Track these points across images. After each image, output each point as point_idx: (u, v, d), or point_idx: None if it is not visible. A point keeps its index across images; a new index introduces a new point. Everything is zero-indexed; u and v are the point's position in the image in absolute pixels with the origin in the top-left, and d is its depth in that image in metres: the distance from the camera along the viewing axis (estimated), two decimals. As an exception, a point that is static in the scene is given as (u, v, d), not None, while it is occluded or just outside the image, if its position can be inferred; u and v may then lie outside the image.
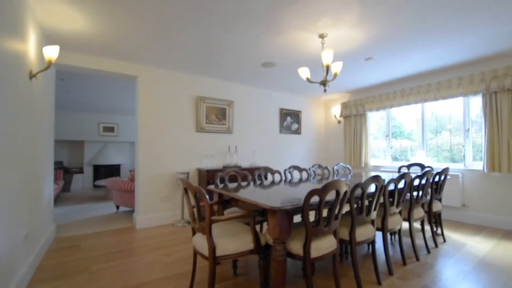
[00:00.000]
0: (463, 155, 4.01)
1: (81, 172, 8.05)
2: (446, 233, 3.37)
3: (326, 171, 3.76)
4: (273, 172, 3.27)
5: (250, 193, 2.14)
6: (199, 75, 4.34)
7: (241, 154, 4.83)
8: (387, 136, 5.14)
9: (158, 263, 2.52)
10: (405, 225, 3.37)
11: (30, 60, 2.23)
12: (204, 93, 4.42)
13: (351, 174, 3.94)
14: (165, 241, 3.16)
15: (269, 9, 2.35)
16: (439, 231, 3.24)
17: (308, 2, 2.24)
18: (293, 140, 5.72)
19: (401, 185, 2.45)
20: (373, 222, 2.18)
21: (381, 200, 2.20)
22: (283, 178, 3.35)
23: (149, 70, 3.88)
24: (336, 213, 1.80)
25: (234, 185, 2.67)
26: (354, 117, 5.44)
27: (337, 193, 1.74)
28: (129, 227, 3.76)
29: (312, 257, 1.69)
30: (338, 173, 4.01)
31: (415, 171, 3.92)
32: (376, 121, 5.44)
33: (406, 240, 3.03)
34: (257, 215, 1.85)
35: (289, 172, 3.47)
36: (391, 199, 2.38)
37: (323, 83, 2.85)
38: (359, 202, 2.01)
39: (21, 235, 2.01)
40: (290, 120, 5.67)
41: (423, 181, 2.69)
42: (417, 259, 2.54)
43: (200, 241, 1.80)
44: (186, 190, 1.87)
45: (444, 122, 4.35)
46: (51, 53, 2.25)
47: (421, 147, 4.58)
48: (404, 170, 3.89)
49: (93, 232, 3.53)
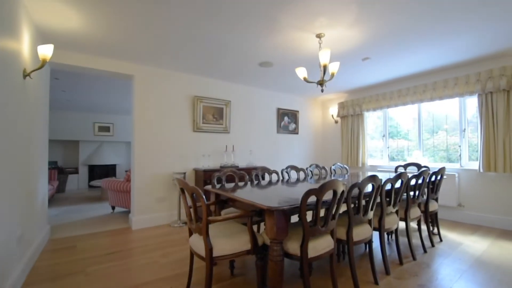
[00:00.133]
0: (459, 155, 4.04)
1: (76, 172, 7.98)
2: (442, 232, 3.39)
3: (323, 171, 3.76)
4: (270, 172, 3.26)
5: (247, 193, 2.13)
6: (196, 74, 4.32)
7: (238, 154, 4.81)
8: (384, 136, 5.16)
9: (154, 264, 2.49)
10: (401, 224, 3.38)
11: (24, 59, 2.20)
12: (201, 92, 4.40)
13: (348, 174, 3.94)
14: (161, 242, 3.13)
15: (266, 8, 2.34)
16: (435, 230, 3.26)
17: (305, 2, 2.24)
18: (290, 140, 5.72)
19: (398, 185, 2.46)
20: (370, 222, 2.19)
21: (378, 199, 2.20)
22: (281, 178, 3.35)
23: (145, 69, 3.85)
24: (333, 213, 1.79)
25: (231, 185, 2.66)
26: (351, 117, 5.46)
27: (334, 193, 1.73)
28: (125, 228, 3.72)
29: (309, 257, 1.68)
30: (335, 173, 4.01)
31: (411, 171, 3.94)
32: (373, 121, 5.46)
33: (402, 240, 3.04)
34: (254, 215, 1.84)
35: (287, 172, 3.46)
36: (388, 199, 2.39)
37: (320, 83, 2.85)
38: (356, 202, 2.02)
39: (15, 237, 1.98)
40: (288, 120, 5.67)
41: (419, 181, 2.70)
42: (414, 259, 2.55)
43: (197, 242, 1.78)
44: (182, 190, 1.85)
45: (441, 122, 4.38)
46: (45, 51, 2.22)
47: (417, 147, 4.60)
48: (401, 170, 3.90)
49: (89, 233, 3.49)
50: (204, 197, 1.65)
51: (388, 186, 2.32)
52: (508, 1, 2.23)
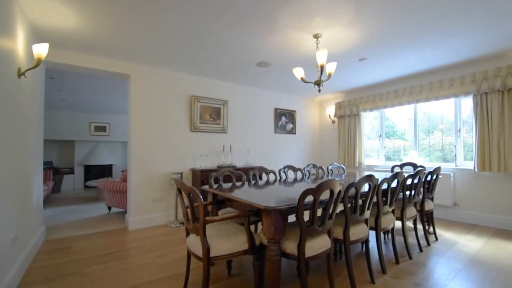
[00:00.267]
0: (455, 155, 4.08)
1: (72, 172, 7.91)
2: (438, 231, 3.42)
3: (320, 170, 3.78)
4: (267, 172, 3.26)
5: (244, 193, 2.13)
6: (193, 74, 4.30)
7: (235, 154, 4.81)
8: (380, 136, 5.19)
9: (151, 265, 2.48)
10: (398, 224, 3.40)
11: (19, 57, 2.17)
12: (198, 92, 4.38)
13: (345, 173, 3.96)
14: (158, 242, 3.12)
15: (263, 8, 2.34)
16: (431, 229, 3.29)
17: (302, 2, 2.24)
18: (288, 140, 5.73)
19: (394, 184, 2.47)
20: (366, 221, 2.20)
21: (374, 199, 2.22)
22: (278, 178, 3.35)
23: (142, 68, 3.83)
24: (330, 212, 1.80)
25: (228, 185, 2.65)
26: (348, 117, 5.48)
27: (331, 192, 1.74)
28: (121, 228, 3.70)
29: (306, 256, 1.69)
30: (333, 172, 4.03)
31: (407, 170, 3.97)
32: (369, 121, 5.49)
33: (399, 239, 3.06)
34: (251, 215, 1.84)
35: (284, 172, 3.47)
36: (384, 198, 2.40)
37: (318, 83, 2.85)
38: (353, 201, 2.02)
39: (9, 238, 1.95)
40: (285, 120, 5.67)
41: (415, 181, 2.72)
42: (410, 258, 2.57)
43: (194, 242, 1.78)
44: (179, 191, 1.85)
45: (436, 123, 4.42)
46: (41, 50, 2.19)
47: (413, 147, 4.64)
48: (397, 169, 3.93)
49: (84, 233, 3.46)
50: (201, 197, 1.65)
51: (385, 186, 2.33)
52: (502, 3, 2.26)
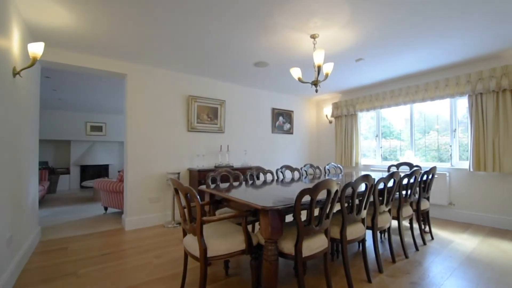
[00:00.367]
0: (450, 155, 4.11)
1: (68, 172, 7.85)
2: (434, 230, 3.45)
3: (317, 170, 3.79)
4: (265, 172, 3.26)
5: (242, 193, 2.13)
6: (190, 74, 4.29)
7: (233, 154, 4.81)
8: (377, 136, 5.22)
9: (148, 265, 2.47)
10: (394, 223, 3.43)
11: (14, 57, 2.15)
12: (195, 92, 4.37)
13: (342, 173, 3.98)
14: (155, 242, 3.11)
15: (261, 8, 2.34)
16: (427, 229, 3.31)
17: (299, 2, 2.25)
18: (285, 140, 5.74)
19: (390, 184, 2.49)
20: (363, 221, 2.21)
21: (371, 199, 2.23)
22: (275, 177, 3.35)
23: (138, 68, 3.81)
24: (327, 212, 1.81)
25: (226, 185, 2.65)
26: (345, 117, 5.51)
27: (328, 192, 1.75)
28: (117, 229, 3.68)
29: (303, 256, 1.69)
30: (330, 172, 4.04)
31: (404, 170, 3.99)
32: (366, 121, 5.52)
33: (395, 238, 3.08)
34: (249, 215, 1.84)
35: (281, 172, 3.47)
36: (380, 198, 2.42)
37: (315, 83, 2.86)
38: (350, 201, 2.03)
39: (4, 239, 1.93)
40: (282, 120, 5.68)
41: (411, 180, 2.74)
42: (406, 257, 2.59)
43: (191, 242, 1.78)
44: (176, 191, 1.84)
45: (432, 123, 4.45)
46: (36, 49, 2.17)
47: (409, 146, 4.67)
48: (393, 169, 3.95)
49: (80, 234, 3.44)
50: (198, 197, 1.65)
51: (381, 186, 2.35)
52: (497, 5, 2.28)
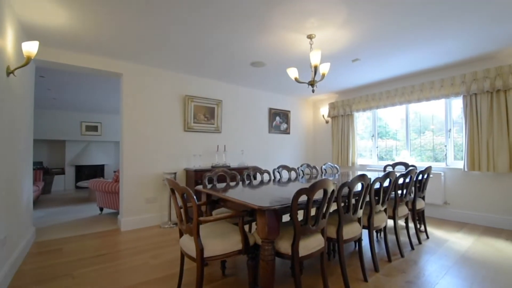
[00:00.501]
0: (445, 155, 4.15)
1: (63, 173, 7.77)
2: (429, 230, 3.48)
3: (314, 170, 3.80)
4: (262, 172, 3.27)
5: (238, 193, 2.12)
6: (187, 73, 4.28)
7: (230, 154, 4.80)
8: (373, 136, 5.25)
9: (144, 266, 2.46)
10: (390, 222, 3.45)
11: (8, 55, 2.12)
12: (192, 92, 4.36)
13: (339, 173, 3.99)
14: (151, 243, 3.09)
15: (258, 8, 2.34)
16: (422, 228, 3.34)
17: (296, 2, 2.25)
18: (282, 140, 5.75)
19: (386, 183, 2.50)
20: (359, 220, 2.22)
21: (367, 198, 2.24)
22: (272, 177, 3.36)
23: (134, 67, 3.78)
24: (323, 212, 1.81)
25: (222, 185, 2.65)
26: (341, 117, 5.53)
27: (325, 192, 1.75)
28: (113, 229, 3.65)
29: (300, 256, 1.70)
30: (326, 172, 4.06)
31: (399, 170, 4.03)
32: (362, 121, 5.55)
33: (391, 237, 3.10)
34: (245, 215, 1.84)
35: (278, 172, 3.47)
36: (376, 198, 2.43)
37: (311, 83, 2.87)
38: (346, 200, 2.04)
39: (-3, 240, 1.91)
40: (279, 120, 5.69)
41: (407, 180, 2.77)
42: (402, 256, 2.61)
43: (188, 243, 1.77)
44: (173, 191, 1.83)
45: (427, 123, 4.49)
46: (30, 48, 2.15)
47: (405, 146, 4.71)
48: (389, 169, 3.98)
49: (76, 235, 3.40)
50: (194, 197, 1.64)
51: (377, 185, 2.36)
52: (490, 7, 2.31)
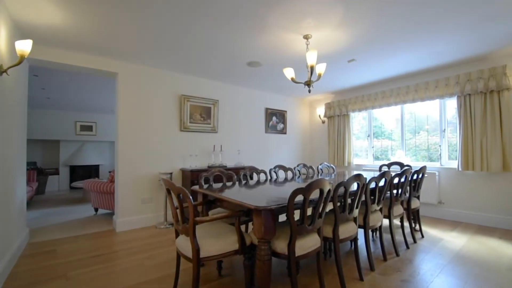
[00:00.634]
0: (440, 154, 4.20)
1: (57, 173, 7.68)
2: (424, 229, 3.51)
3: (310, 170, 3.81)
4: (258, 172, 3.26)
5: (235, 193, 2.12)
6: (183, 73, 4.26)
7: (226, 154, 4.79)
8: (369, 136, 5.28)
9: (139, 267, 2.44)
10: (385, 222, 3.47)
11: (1, 54, 2.09)
12: (188, 91, 4.34)
13: (335, 173, 4.01)
14: (147, 244, 3.07)
15: (254, 8, 2.33)
16: (417, 227, 3.37)
17: (292, 3, 2.25)
18: (278, 140, 5.75)
19: (381, 183, 2.52)
20: (355, 220, 2.24)
21: (363, 198, 2.25)
22: (269, 177, 3.36)
23: (130, 66, 3.75)
24: (320, 211, 1.82)
25: (219, 185, 2.64)
26: (337, 117, 5.55)
27: (321, 192, 1.76)
28: (108, 230, 3.62)
29: (296, 255, 1.70)
30: (322, 172, 4.07)
31: (395, 169, 4.06)
32: (358, 121, 5.58)
33: (386, 237, 3.12)
34: (242, 215, 1.83)
35: (275, 172, 3.48)
36: (372, 197, 2.45)
37: (308, 83, 2.88)
38: (342, 200, 2.05)
39: (-11, 241, 1.88)
40: (276, 120, 5.69)
41: (402, 179, 2.79)
42: (397, 255, 2.63)
43: (184, 243, 1.76)
44: (169, 191, 1.82)
45: (422, 123, 4.54)
46: (24, 47, 2.11)
47: (400, 146, 4.75)
48: (384, 168, 4.01)
49: (70, 236, 3.37)
50: (191, 197, 1.63)
51: (373, 185, 2.38)
52: (482, 9, 2.34)
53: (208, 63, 3.76)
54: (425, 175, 3.30)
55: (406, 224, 3.53)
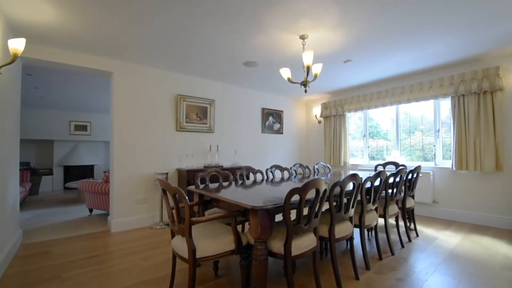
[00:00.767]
0: (434, 154, 4.24)
1: (51, 173, 7.59)
2: (418, 228, 3.54)
3: (307, 170, 3.82)
4: (255, 172, 3.26)
5: (231, 193, 2.12)
6: (179, 73, 4.24)
7: (222, 154, 4.78)
8: (364, 136, 5.32)
9: (135, 268, 2.42)
10: (380, 221, 3.50)
11: (-8, 52, 2.06)
12: (184, 91, 4.32)
13: (331, 172, 4.03)
14: (142, 244, 3.05)
15: (251, 8, 2.33)
16: (412, 226, 3.40)
17: (289, 3, 2.26)
18: (275, 140, 5.76)
19: (377, 183, 2.54)
20: (351, 219, 2.25)
21: (358, 197, 2.27)
22: (265, 177, 3.36)
23: (125, 66, 3.72)
24: (316, 211, 1.82)
25: (215, 185, 2.63)
26: (333, 117, 5.58)
27: (317, 191, 1.76)
28: (103, 231, 3.58)
29: (293, 255, 1.70)
30: (319, 172, 4.09)
31: (390, 169, 4.09)
32: (354, 121, 5.62)
33: (382, 236, 3.15)
34: (238, 215, 1.83)
35: (271, 172, 3.48)
36: (368, 197, 2.46)
37: (304, 83, 2.89)
38: (338, 200, 2.06)
39: (-19, 243, 1.85)
40: (272, 119, 5.70)
41: (397, 179, 2.81)
42: (392, 254, 2.65)
43: (180, 243, 1.75)
44: (164, 191, 1.81)
45: (417, 123, 4.58)
46: (17, 45, 2.08)
47: (396, 146, 4.79)
48: (380, 168, 4.04)
49: (64, 237, 3.33)
50: (187, 197, 1.63)
51: (368, 185, 2.39)
52: (476, 11, 2.37)
53: (205, 62, 3.75)
54: (420, 174, 3.34)
55: (401, 223, 3.56)
